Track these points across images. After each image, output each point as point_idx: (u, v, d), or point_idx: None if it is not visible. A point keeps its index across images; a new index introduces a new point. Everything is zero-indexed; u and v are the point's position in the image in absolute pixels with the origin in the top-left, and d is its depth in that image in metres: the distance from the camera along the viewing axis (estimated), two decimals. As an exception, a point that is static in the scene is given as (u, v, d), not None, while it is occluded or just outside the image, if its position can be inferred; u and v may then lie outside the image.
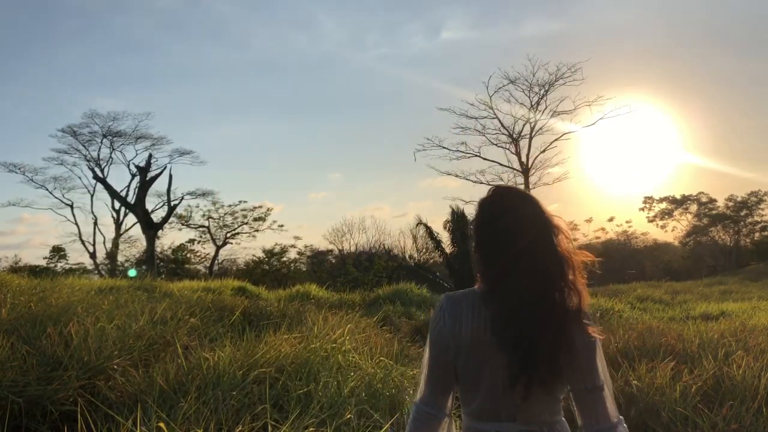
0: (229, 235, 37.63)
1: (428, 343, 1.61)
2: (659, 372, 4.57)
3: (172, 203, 33.10)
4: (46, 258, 34.92)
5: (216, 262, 37.83)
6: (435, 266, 32.04)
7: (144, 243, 31.89)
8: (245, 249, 50.39)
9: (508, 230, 1.51)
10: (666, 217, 48.61)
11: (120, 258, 36.32)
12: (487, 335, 1.49)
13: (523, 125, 30.87)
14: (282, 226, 37.98)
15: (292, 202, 62.15)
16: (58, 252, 35.38)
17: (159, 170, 32.97)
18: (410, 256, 34.92)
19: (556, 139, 30.76)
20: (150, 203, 33.62)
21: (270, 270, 33.16)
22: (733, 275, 32.12)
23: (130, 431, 3.00)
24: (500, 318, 1.48)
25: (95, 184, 35.05)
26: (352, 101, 68.78)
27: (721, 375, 4.59)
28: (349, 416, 3.51)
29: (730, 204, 45.92)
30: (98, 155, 35.38)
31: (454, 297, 1.58)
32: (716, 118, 66.78)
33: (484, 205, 1.60)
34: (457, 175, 31.60)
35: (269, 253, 34.40)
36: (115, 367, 4.42)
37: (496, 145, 31.24)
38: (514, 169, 30.98)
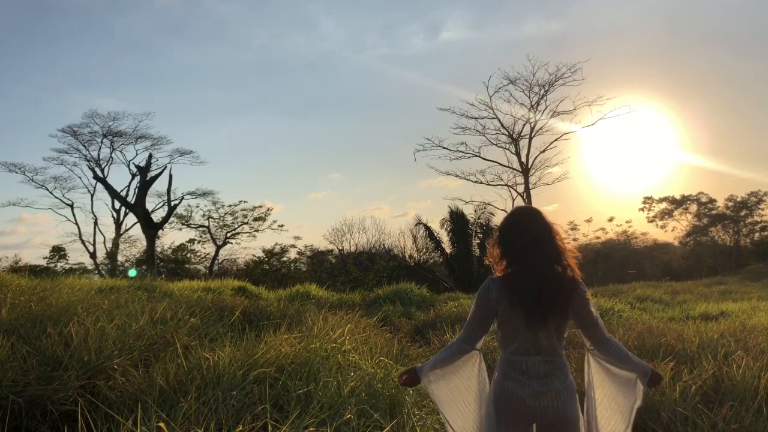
0: (229, 235, 37.66)
1: (476, 305, 2.45)
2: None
3: (172, 203, 33.14)
4: (46, 258, 34.97)
5: (216, 262, 37.85)
6: (435, 266, 32.02)
7: (144, 243, 31.92)
8: (245, 249, 50.51)
9: (527, 233, 2.42)
10: (666, 217, 48.58)
11: (120, 258, 36.37)
12: (518, 302, 2.36)
13: (523, 125, 30.88)
14: (282, 226, 38.03)
15: (292, 202, 62.16)
16: (58, 252, 35.39)
17: (159, 170, 33.04)
18: (410, 256, 34.94)
19: (556, 139, 30.77)
20: (150, 203, 33.71)
21: (270, 270, 33.12)
22: (732, 275, 32.08)
23: (130, 431, 3.00)
24: (527, 289, 2.35)
25: (95, 184, 35.13)
26: (352, 101, 68.90)
27: (720, 375, 4.60)
28: (349, 416, 3.51)
29: (730, 204, 45.88)
30: (98, 155, 35.46)
31: (495, 278, 2.47)
32: (716, 118, 66.73)
33: (509, 217, 2.54)
34: (457, 175, 31.64)
35: (269, 253, 34.38)
36: (115, 366, 4.42)
37: (496, 145, 31.23)
38: (514, 169, 30.97)
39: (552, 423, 2.33)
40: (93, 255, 35.79)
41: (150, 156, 33.65)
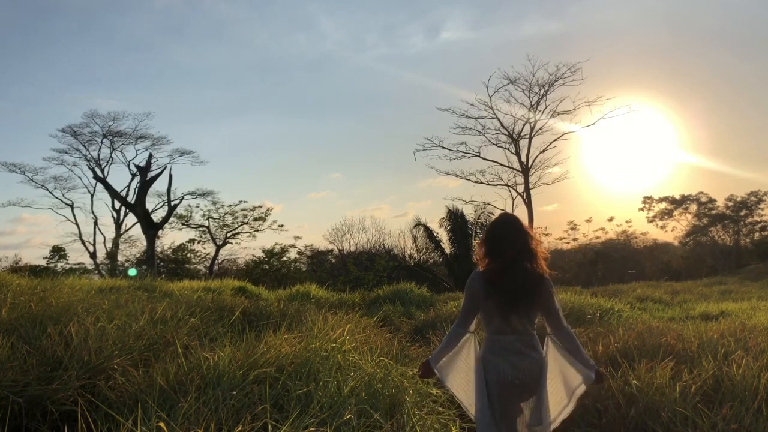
0: (229, 234, 37.65)
1: (465, 294, 3.03)
2: (659, 372, 4.57)
3: (173, 203, 33.11)
4: (46, 258, 34.97)
5: (216, 262, 37.84)
6: (435, 266, 32.00)
7: (144, 243, 31.90)
8: (245, 249, 50.57)
9: (505, 236, 3.00)
10: (666, 217, 48.53)
11: (120, 258, 36.36)
12: (495, 292, 2.92)
13: (523, 125, 30.79)
14: (282, 226, 38.03)
15: (292, 202, 62.16)
16: (58, 252, 35.38)
17: (159, 170, 32.99)
18: (410, 256, 34.92)
19: (555, 139, 30.67)
20: (150, 203, 33.70)
21: (270, 270, 33.12)
22: (732, 275, 32.08)
23: (130, 431, 3.00)
24: (503, 281, 2.90)
25: (95, 184, 35.11)
26: (352, 101, 68.98)
27: (720, 375, 4.59)
28: (349, 416, 3.51)
29: (730, 204, 45.84)
30: (98, 155, 35.44)
31: (478, 272, 3.01)
32: (716, 118, 66.74)
33: (493, 223, 3.12)
34: (457, 175, 31.52)
35: (269, 253, 34.38)
36: (115, 366, 4.42)
37: (496, 145, 31.14)
38: (513, 169, 30.90)
39: (526, 385, 2.96)
40: (93, 255, 35.80)
41: (150, 156, 33.64)
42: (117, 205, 35.45)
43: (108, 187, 33.09)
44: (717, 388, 4.46)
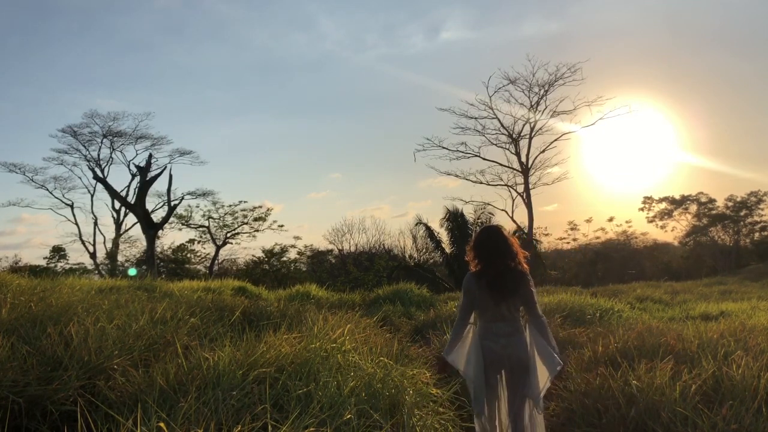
0: (229, 235, 37.65)
1: (462, 293, 3.70)
2: (659, 372, 4.57)
3: (173, 203, 33.10)
4: (46, 258, 35.00)
5: (216, 262, 37.84)
6: (435, 266, 32.00)
7: (144, 243, 31.88)
8: (245, 249, 50.68)
9: (491, 243, 3.68)
10: (666, 217, 48.52)
11: (120, 258, 36.37)
12: (486, 287, 3.60)
13: (523, 125, 30.82)
14: (282, 226, 38.05)
15: (292, 202, 62.22)
16: (58, 252, 35.40)
17: (159, 170, 32.96)
18: (410, 256, 34.93)
19: (555, 139, 30.71)
20: (150, 203, 33.74)
21: (270, 270, 33.13)
22: (732, 275, 32.09)
23: (130, 431, 3.00)
24: (491, 278, 3.58)
25: (95, 184, 35.17)
26: (352, 101, 69.03)
27: (720, 375, 4.59)
28: (349, 416, 3.50)
29: (730, 204, 45.83)
30: (98, 155, 35.51)
31: (471, 273, 3.69)
32: (716, 118, 66.81)
33: (480, 232, 3.80)
34: (456, 175, 31.59)
35: (269, 253, 34.39)
36: (115, 367, 4.42)
37: (495, 145, 31.18)
38: (513, 169, 30.92)
39: (516, 363, 3.61)
40: (93, 255, 35.82)
41: (150, 156, 33.62)
42: (117, 205, 35.53)
43: (108, 187, 33.09)
44: (717, 388, 4.46)
